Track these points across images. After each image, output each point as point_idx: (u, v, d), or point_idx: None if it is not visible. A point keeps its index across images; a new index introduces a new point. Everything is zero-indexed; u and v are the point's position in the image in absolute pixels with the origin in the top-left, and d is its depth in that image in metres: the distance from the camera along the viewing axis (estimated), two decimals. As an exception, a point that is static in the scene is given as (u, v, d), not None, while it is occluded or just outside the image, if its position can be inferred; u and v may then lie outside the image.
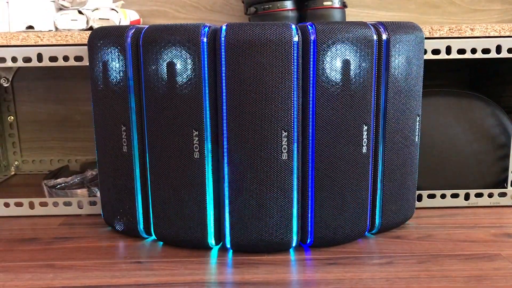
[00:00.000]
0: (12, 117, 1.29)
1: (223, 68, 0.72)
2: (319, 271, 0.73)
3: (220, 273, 0.73)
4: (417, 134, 0.85)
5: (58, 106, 1.29)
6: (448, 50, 0.92)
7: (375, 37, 0.75)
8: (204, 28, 0.73)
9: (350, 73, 0.74)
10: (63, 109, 1.29)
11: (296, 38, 0.72)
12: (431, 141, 1.00)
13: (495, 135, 0.99)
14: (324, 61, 0.73)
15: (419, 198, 0.98)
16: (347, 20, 1.09)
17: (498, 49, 0.92)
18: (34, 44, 0.91)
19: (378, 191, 0.83)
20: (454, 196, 0.99)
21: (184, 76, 0.73)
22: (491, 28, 0.92)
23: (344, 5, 1.03)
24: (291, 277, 0.72)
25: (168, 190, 0.78)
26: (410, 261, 0.76)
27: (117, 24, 1.01)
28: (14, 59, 0.91)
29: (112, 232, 0.89)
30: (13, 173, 1.30)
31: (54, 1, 1.04)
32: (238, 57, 0.71)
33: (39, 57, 0.91)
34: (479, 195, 0.99)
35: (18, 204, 0.97)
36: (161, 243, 0.83)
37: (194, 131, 0.75)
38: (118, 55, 0.78)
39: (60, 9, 1.04)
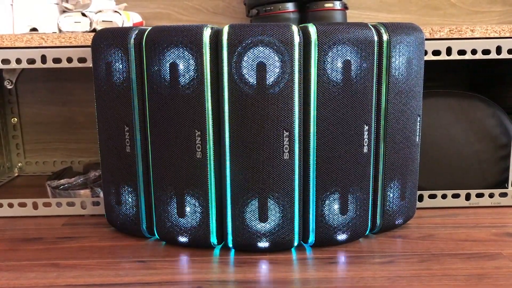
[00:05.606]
0: (16, 119, 1.30)
1: (225, 69, 0.73)
2: (320, 270, 0.74)
3: (222, 272, 0.74)
4: (417, 134, 0.85)
5: (62, 108, 1.30)
6: (449, 51, 0.93)
7: (375, 38, 0.76)
8: (206, 29, 0.73)
9: (351, 73, 0.75)
10: (66, 111, 1.30)
11: (297, 39, 0.72)
12: (432, 141, 1.00)
13: (495, 135, 1.00)
14: (325, 61, 0.73)
15: (420, 198, 0.98)
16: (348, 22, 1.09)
17: (498, 50, 0.93)
18: (38, 45, 0.92)
19: (379, 191, 0.83)
20: (455, 196, 0.99)
21: (187, 77, 0.74)
22: (491, 29, 0.92)
23: (345, 7, 1.04)
24: (293, 276, 0.72)
25: (171, 190, 0.79)
26: (411, 260, 0.76)
27: (120, 26, 1.02)
28: (18, 61, 0.92)
29: (115, 232, 0.89)
30: (16, 174, 1.31)
31: (57, 4, 1.06)
32: (240, 57, 0.72)
33: (43, 59, 0.92)
34: (480, 195, 0.99)
35: (22, 205, 0.98)
36: (164, 242, 0.84)
37: (196, 131, 0.76)
38: (122, 56, 0.78)
39: (64, 11, 1.05)
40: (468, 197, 0.99)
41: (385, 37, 0.77)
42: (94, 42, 0.82)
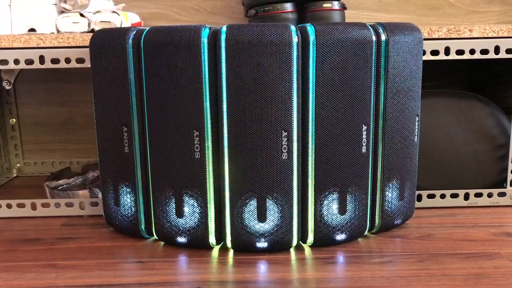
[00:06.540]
0: (14, 119, 1.30)
1: (224, 69, 0.73)
2: (319, 270, 0.74)
3: (221, 272, 0.74)
4: (416, 134, 0.85)
5: (60, 109, 1.30)
6: (447, 51, 0.93)
7: (374, 38, 0.76)
8: (204, 29, 0.73)
9: (349, 73, 0.75)
10: (65, 111, 1.30)
11: (295, 39, 0.72)
12: (430, 141, 1.00)
13: (494, 135, 1.00)
14: (323, 61, 0.73)
15: (419, 198, 0.98)
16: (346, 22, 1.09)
17: (497, 49, 0.93)
18: (36, 46, 0.92)
19: (378, 191, 0.83)
20: (454, 196, 0.99)
21: (185, 77, 0.74)
22: (490, 29, 0.92)
23: (343, 7, 1.04)
24: (292, 276, 0.72)
25: (169, 190, 0.79)
26: (410, 260, 0.76)
27: (119, 26, 1.02)
28: (16, 61, 0.92)
29: (114, 233, 0.89)
30: (15, 175, 1.31)
31: (56, 4, 1.05)
32: (238, 58, 0.72)
33: (41, 59, 0.92)
34: (478, 195, 0.99)
35: (20, 205, 0.98)
36: (163, 243, 0.84)
37: (195, 131, 0.76)
38: (120, 56, 0.78)
39: (62, 12, 1.05)
40: (466, 197, 0.99)
41: (383, 37, 0.77)
42: (92, 43, 0.82)
